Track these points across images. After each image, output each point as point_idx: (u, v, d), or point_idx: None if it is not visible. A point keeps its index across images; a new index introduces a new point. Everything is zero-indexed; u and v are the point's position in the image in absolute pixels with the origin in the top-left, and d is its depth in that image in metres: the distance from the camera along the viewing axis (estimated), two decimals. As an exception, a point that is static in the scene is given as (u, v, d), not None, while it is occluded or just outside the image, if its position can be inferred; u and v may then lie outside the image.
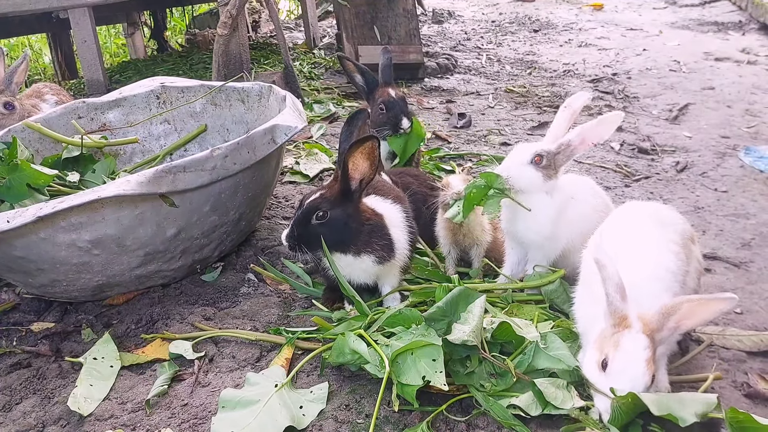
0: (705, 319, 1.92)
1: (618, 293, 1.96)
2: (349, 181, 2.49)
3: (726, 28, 9.74)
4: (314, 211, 2.50)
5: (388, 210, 2.71)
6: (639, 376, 1.90)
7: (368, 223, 2.58)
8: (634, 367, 1.91)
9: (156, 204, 2.65)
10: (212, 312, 2.80)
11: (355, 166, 2.47)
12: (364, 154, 2.44)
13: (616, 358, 1.94)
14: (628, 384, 1.90)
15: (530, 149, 2.60)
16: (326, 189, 2.56)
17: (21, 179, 2.92)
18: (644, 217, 2.35)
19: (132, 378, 2.43)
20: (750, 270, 3.21)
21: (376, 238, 2.58)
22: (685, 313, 1.89)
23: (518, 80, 7.40)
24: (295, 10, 12.38)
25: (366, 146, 2.42)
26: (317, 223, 2.50)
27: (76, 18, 5.80)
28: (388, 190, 2.85)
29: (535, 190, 2.60)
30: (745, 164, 4.69)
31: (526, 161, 2.59)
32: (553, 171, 2.59)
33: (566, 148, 2.58)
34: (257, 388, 2.20)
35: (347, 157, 2.44)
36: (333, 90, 6.71)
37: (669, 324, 1.91)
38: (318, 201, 2.52)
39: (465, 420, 2.09)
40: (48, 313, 2.90)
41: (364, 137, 2.41)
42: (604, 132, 2.56)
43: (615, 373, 1.94)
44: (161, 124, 4.00)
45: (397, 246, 2.64)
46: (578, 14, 11.65)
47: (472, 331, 2.12)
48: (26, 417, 2.25)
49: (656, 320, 1.92)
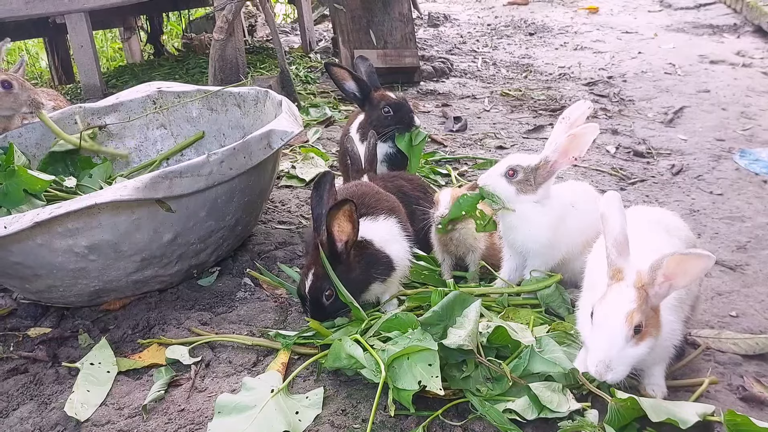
0: (692, 276, 1.91)
1: (615, 247, 1.99)
2: (336, 244, 2.49)
3: (721, 31, 9.77)
4: (321, 295, 2.51)
5: (379, 229, 2.71)
6: (617, 326, 1.91)
7: (362, 261, 2.59)
8: (613, 318, 1.93)
9: (153, 209, 2.66)
10: (209, 317, 2.81)
11: (340, 228, 2.46)
12: (345, 216, 2.43)
13: (600, 309, 1.97)
14: (606, 334, 1.93)
15: (509, 162, 2.64)
16: (313, 264, 2.54)
17: (18, 185, 2.93)
18: (650, 222, 2.37)
19: (129, 383, 2.43)
20: (746, 273, 3.22)
21: (374, 267, 2.61)
22: (670, 267, 1.89)
23: (514, 83, 7.42)
24: (291, 14, 12.38)
25: (345, 209, 2.40)
26: (330, 302, 2.52)
27: (72, 23, 5.81)
28: (376, 205, 2.83)
29: (510, 201, 2.63)
30: (740, 167, 4.71)
31: (501, 173, 2.62)
32: (531, 186, 2.61)
33: (545, 164, 2.60)
34: (253, 393, 2.20)
35: (330, 223, 2.43)
36: (329, 94, 6.72)
37: (658, 278, 1.91)
38: (317, 283, 2.51)
39: (461, 424, 2.10)
40: (45, 319, 2.90)
41: (341, 201, 2.39)
42: (583, 144, 2.56)
43: (596, 324, 1.97)
44: (158, 129, 4.00)
45: (396, 261, 2.66)
46: (573, 17, 11.67)
47: (467, 335, 2.13)
48: (23, 423, 2.25)
49: (646, 275, 1.93)
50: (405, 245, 2.77)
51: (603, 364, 1.92)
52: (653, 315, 1.97)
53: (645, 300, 1.93)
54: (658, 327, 1.99)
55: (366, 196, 2.85)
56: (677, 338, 2.15)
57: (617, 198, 2.03)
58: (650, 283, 1.93)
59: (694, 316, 2.44)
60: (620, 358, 1.92)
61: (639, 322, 1.91)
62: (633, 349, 1.93)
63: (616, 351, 1.91)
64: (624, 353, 1.92)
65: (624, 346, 1.92)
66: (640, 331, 1.92)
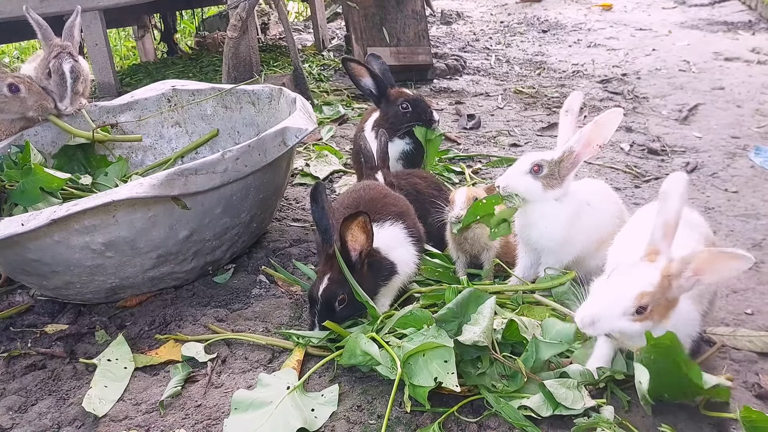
0: (722, 274, 1.91)
1: (663, 228, 1.98)
2: (350, 253, 2.50)
3: (736, 28, 9.70)
4: (334, 300, 2.50)
5: (384, 236, 2.70)
6: (624, 297, 1.94)
7: (371, 270, 2.60)
8: (624, 288, 1.96)
9: (168, 206, 2.68)
10: (224, 314, 2.82)
11: (354, 239, 2.48)
12: (359, 227, 2.44)
13: (619, 274, 2.00)
14: (609, 297, 1.97)
15: (531, 158, 2.62)
16: (328, 270, 2.53)
17: (34, 183, 2.95)
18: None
19: (146, 379, 2.45)
20: (761, 270, 3.20)
21: (379, 273, 2.62)
22: (702, 262, 1.89)
23: (527, 81, 7.39)
24: (303, 12, 12.39)
25: (359, 221, 2.43)
26: (341, 308, 2.51)
27: (87, 21, 5.83)
28: (383, 210, 2.83)
29: (535, 199, 2.62)
30: (755, 164, 4.68)
31: (525, 170, 2.61)
32: (556, 180, 2.60)
33: (569, 154, 2.59)
34: (269, 390, 2.22)
35: (344, 233, 2.45)
36: (342, 92, 6.72)
37: (687, 272, 1.91)
38: (332, 288, 2.50)
39: (476, 421, 2.10)
40: (62, 315, 2.92)
41: (355, 213, 2.41)
42: (607, 131, 2.55)
43: (609, 284, 2.01)
44: (172, 127, 4.03)
45: (399, 266, 2.68)
46: (587, 14, 11.62)
47: (482, 332, 2.13)
48: (42, 418, 2.28)
49: (675, 266, 1.93)
50: (411, 250, 2.77)
51: (590, 317, 1.97)
52: (666, 304, 1.98)
53: (665, 289, 1.94)
54: (665, 317, 2.00)
55: (374, 201, 2.85)
56: (695, 329, 2.13)
57: (684, 181, 1.98)
58: (677, 275, 1.93)
59: (711, 312, 2.43)
60: (609, 322, 1.97)
61: (646, 304, 1.93)
62: (626, 322, 1.96)
63: (608, 314, 1.96)
64: (616, 321, 1.96)
65: (620, 316, 1.95)
66: (643, 312, 1.95)
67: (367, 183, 3.08)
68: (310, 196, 2.62)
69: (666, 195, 1.98)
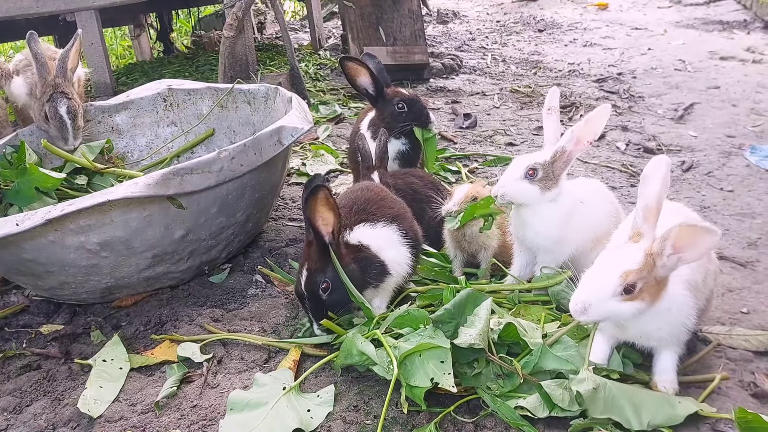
0: (700, 250, 1.92)
1: (644, 211, 2.00)
2: (322, 237, 2.43)
3: (731, 27, 9.72)
4: (317, 289, 2.44)
5: (376, 236, 2.64)
6: (610, 277, 1.96)
7: (356, 262, 2.53)
8: (610, 269, 1.98)
9: (164, 206, 2.67)
10: (220, 313, 2.82)
11: (323, 220, 2.40)
12: (323, 204, 2.35)
13: (603, 257, 2.03)
14: (597, 281, 1.99)
15: (524, 163, 2.61)
16: (305, 261, 2.48)
17: (29, 183, 2.95)
18: (671, 211, 2.35)
19: (141, 380, 2.44)
20: (756, 269, 3.20)
21: (367, 271, 2.55)
22: (678, 238, 1.90)
23: (523, 80, 7.40)
24: (300, 11, 12.39)
25: (320, 196, 2.32)
26: (327, 294, 2.45)
27: (83, 20, 5.81)
28: (377, 212, 2.76)
29: (534, 203, 2.62)
30: (750, 163, 4.68)
31: (520, 176, 2.60)
32: (552, 181, 2.59)
33: (561, 154, 2.58)
34: (265, 390, 2.21)
35: (310, 215, 2.37)
36: (339, 91, 6.71)
37: (667, 249, 1.92)
38: (311, 277, 2.44)
39: (473, 421, 2.10)
40: (57, 316, 2.91)
41: (313, 188, 2.31)
42: (596, 128, 2.55)
43: (595, 268, 2.03)
44: (168, 127, 4.02)
45: (390, 267, 2.61)
46: (583, 14, 11.64)
47: (478, 334, 2.13)
48: (37, 419, 2.27)
49: (657, 244, 1.95)
50: (404, 251, 2.69)
51: (582, 304, 1.98)
52: (654, 284, 1.99)
53: (650, 268, 1.95)
54: (655, 297, 2.01)
55: (369, 202, 2.78)
56: (690, 319, 2.12)
57: (666, 164, 2.00)
58: (659, 253, 1.94)
59: (708, 311, 2.44)
60: (599, 306, 1.97)
61: (633, 282, 1.94)
62: (617, 303, 1.97)
63: (598, 297, 1.96)
64: (606, 304, 1.97)
65: (609, 297, 1.96)
66: (632, 292, 1.96)
67: (365, 184, 3.06)
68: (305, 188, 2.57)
69: (646, 177, 2.01)
